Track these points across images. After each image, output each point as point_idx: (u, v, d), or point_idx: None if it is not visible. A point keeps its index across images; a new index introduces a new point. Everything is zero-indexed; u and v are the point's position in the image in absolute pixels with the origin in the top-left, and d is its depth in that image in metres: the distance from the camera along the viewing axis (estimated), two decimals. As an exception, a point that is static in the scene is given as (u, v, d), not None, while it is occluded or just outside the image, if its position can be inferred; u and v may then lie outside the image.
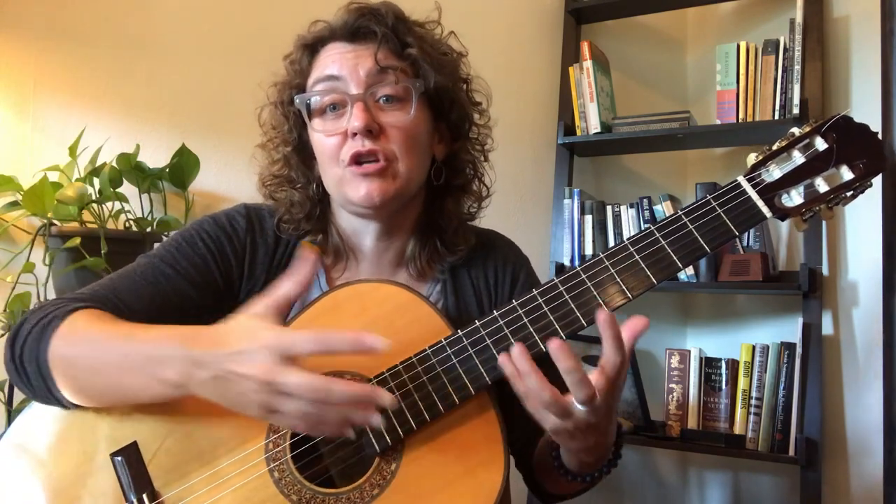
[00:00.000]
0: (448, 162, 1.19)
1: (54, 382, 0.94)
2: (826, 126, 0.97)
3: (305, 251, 0.90)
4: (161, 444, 0.96)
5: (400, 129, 1.08)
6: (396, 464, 0.94)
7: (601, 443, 0.95)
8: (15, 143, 1.85)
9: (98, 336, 0.94)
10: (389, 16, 1.11)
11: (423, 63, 1.11)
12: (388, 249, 1.17)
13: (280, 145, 1.18)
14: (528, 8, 2.60)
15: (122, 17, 1.97)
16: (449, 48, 1.19)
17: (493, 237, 1.26)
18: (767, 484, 2.41)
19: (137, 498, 0.93)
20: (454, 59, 1.19)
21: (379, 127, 1.07)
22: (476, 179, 1.23)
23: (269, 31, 2.03)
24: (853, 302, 2.20)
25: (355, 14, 1.11)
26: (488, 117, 1.24)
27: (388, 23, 1.11)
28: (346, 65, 1.08)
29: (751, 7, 2.58)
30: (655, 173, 2.70)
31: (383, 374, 0.96)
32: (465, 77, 1.20)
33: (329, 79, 1.09)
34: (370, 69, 1.08)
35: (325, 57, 1.12)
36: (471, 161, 1.22)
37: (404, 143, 1.08)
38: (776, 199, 0.97)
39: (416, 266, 1.17)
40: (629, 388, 2.34)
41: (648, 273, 0.95)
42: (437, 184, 1.17)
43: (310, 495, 0.93)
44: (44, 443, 0.97)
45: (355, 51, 1.10)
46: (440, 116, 1.16)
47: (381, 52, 1.09)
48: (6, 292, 1.72)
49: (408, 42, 1.11)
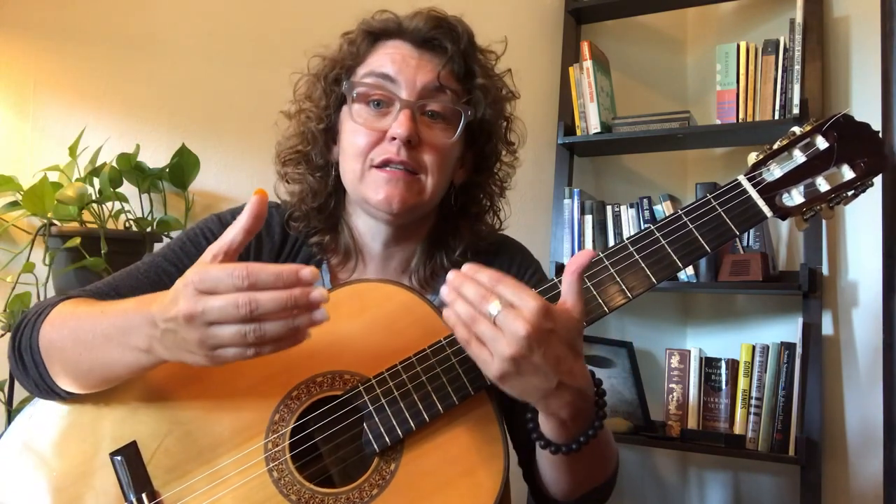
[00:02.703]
0: (466, 189, 1.19)
1: (46, 369, 0.95)
2: (827, 125, 0.97)
3: (255, 195, 0.85)
4: (160, 443, 0.96)
5: (438, 148, 1.08)
6: (396, 464, 0.94)
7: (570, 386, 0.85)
8: (15, 143, 1.86)
9: (78, 317, 0.94)
10: (464, 37, 1.11)
11: (480, 94, 1.11)
12: (395, 256, 1.17)
13: (311, 120, 1.15)
14: (528, 8, 2.60)
15: (122, 17, 1.98)
16: (503, 84, 1.19)
17: (502, 243, 1.25)
18: (767, 484, 2.40)
19: (137, 497, 0.93)
20: (505, 96, 1.19)
21: (419, 139, 1.06)
22: (491, 212, 1.23)
23: (270, 32, 2.04)
24: (853, 302, 2.20)
25: (432, 23, 1.10)
26: (516, 158, 1.24)
27: (462, 44, 1.10)
28: (406, 70, 1.07)
29: (751, 7, 2.58)
30: (655, 173, 2.70)
31: (382, 374, 0.96)
32: (507, 115, 1.21)
33: (383, 77, 1.08)
34: (428, 83, 1.07)
35: (386, 52, 1.11)
36: (489, 194, 1.22)
37: (437, 162, 1.08)
38: (777, 199, 0.96)
39: (420, 276, 1.17)
40: (629, 388, 2.34)
41: (648, 273, 0.95)
42: (454, 206, 1.17)
43: (309, 495, 0.93)
44: (44, 442, 0.97)
45: (420, 58, 1.09)
46: (472, 145, 1.17)
47: (444, 70, 1.08)
48: (6, 292, 1.72)
49: (473, 70, 1.12)
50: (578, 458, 0.93)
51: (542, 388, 0.84)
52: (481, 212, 1.21)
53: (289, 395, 0.97)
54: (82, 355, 0.92)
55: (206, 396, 0.97)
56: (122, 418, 0.97)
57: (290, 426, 0.95)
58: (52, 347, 0.95)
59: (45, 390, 0.97)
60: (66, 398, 0.98)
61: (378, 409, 0.94)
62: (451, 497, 0.92)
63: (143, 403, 0.98)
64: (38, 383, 0.97)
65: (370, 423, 0.94)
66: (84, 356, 0.92)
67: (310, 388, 0.97)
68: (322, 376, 0.97)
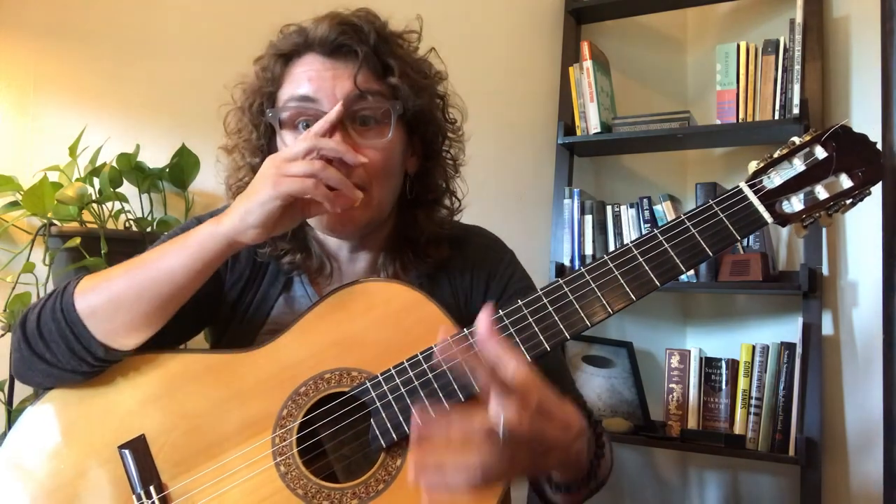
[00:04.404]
0: (420, 177, 1.17)
1: (86, 329, 0.96)
2: (826, 135, 0.99)
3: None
4: (168, 437, 0.96)
5: (377, 152, 1.05)
6: (402, 459, 0.95)
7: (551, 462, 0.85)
8: (15, 143, 1.85)
9: (119, 269, 1.01)
10: (371, 34, 1.07)
11: (403, 86, 1.08)
12: (361, 259, 1.17)
13: (245, 153, 1.13)
14: (528, 8, 2.60)
15: (122, 17, 1.97)
16: (429, 67, 1.16)
17: (470, 236, 1.24)
18: (767, 484, 2.41)
19: (144, 490, 0.94)
20: (433, 80, 1.16)
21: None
22: (448, 193, 1.21)
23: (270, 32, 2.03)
24: (853, 302, 2.21)
25: (336, 30, 1.05)
26: (461, 133, 1.22)
27: (370, 42, 1.06)
28: (323, 85, 1.04)
29: (751, 7, 2.58)
30: (655, 173, 2.70)
31: (389, 372, 0.96)
32: (441, 95, 1.18)
33: (303, 99, 1.05)
34: (348, 92, 1.04)
35: (300, 71, 1.08)
36: (443, 177, 1.20)
37: (380, 168, 1.06)
38: (777, 206, 0.99)
39: (389, 273, 1.16)
40: (629, 388, 2.34)
41: (652, 276, 0.96)
42: (409, 197, 1.16)
43: (315, 489, 0.93)
44: (52, 435, 0.98)
45: (333, 69, 1.05)
46: (414, 132, 1.14)
47: (360, 74, 1.04)
48: (6, 292, 1.72)
49: (389, 64, 1.08)
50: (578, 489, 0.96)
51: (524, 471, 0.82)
52: (438, 197, 1.19)
53: (297, 391, 0.97)
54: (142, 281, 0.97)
55: (213, 391, 0.98)
56: (130, 412, 0.98)
57: (297, 421, 0.96)
58: (98, 302, 0.97)
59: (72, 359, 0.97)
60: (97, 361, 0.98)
61: (385, 405, 0.95)
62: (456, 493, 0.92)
63: (152, 398, 0.98)
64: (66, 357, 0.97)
65: (377, 419, 0.94)
66: (143, 280, 0.97)
67: (317, 384, 0.98)
68: (330, 373, 0.98)
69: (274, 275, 1.17)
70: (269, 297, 1.16)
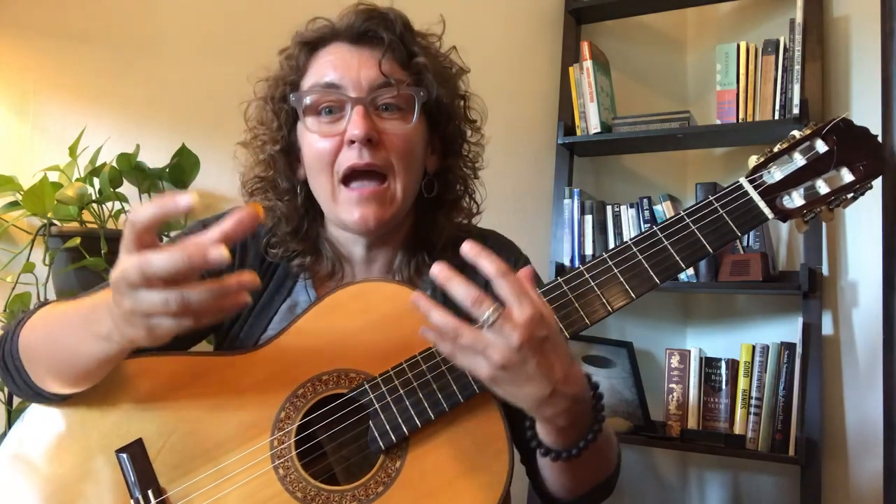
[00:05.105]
0: (439, 176, 1.17)
1: (28, 374, 0.95)
2: (826, 129, 0.97)
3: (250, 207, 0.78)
4: (166, 441, 0.95)
5: (400, 138, 1.06)
6: (401, 461, 0.94)
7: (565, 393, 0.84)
8: (15, 143, 1.85)
9: (52, 317, 0.95)
10: (398, 23, 1.08)
11: (426, 74, 1.09)
12: (377, 259, 1.16)
13: (267, 144, 1.13)
14: (528, 8, 2.60)
15: (122, 17, 1.97)
16: (451, 63, 1.17)
17: (486, 240, 1.22)
18: (767, 484, 2.41)
19: (142, 494, 0.93)
20: (455, 73, 1.17)
21: (378, 136, 1.04)
22: (467, 196, 1.21)
23: (271, 31, 2.02)
24: (853, 302, 2.20)
25: (363, 17, 1.07)
26: (481, 135, 1.22)
27: (397, 30, 1.07)
28: (349, 71, 1.05)
29: (751, 7, 2.58)
30: (655, 173, 2.70)
31: (388, 373, 0.96)
32: (463, 94, 1.18)
33: (328, 86, 1.05)
34: (373, 79, 1.05)
35: (325, 58, 1.08)
36: (462, 177, 1.20)
37: (402, 154, 1.06)
38: (777, 201, 0.97)
39: (404, 276, 1.16)
40: (629, 388, 2.34)
41: (651, 273, 0.95)
42: (427, 196, 1.15)
43: (314, 492, 0.93)
44: (49, 439, 0.97)
45: (359, 55, 1.06)
46: (435, 129, 1.14)
47: (385, 60, 1.06)
48: (6, 292, 1.72)
49: (414, 51, 1.09)
50: (579, 461, 0.93)
51: (537, 396, 0.83)
52: (457, 198, 1.19)
53: (294, 393, 0.97)
54: (53, 351, 0.92)
55: (211, 394, 0.97)
56: (127, 416, 0.97)
57: (295, 423, 0.95)
58: (31, 350, 0.95)
59: (32, 396, 0.97)
60: (55, 401, 0.97)
61: (384, 407, 0.94)
62: (456, 494, 0.92)
63: (149, 401, 0.98)
64: (24, 389, 0.97)
65: (376, 421, 0.94)
66: (55, 352, 0.92)
67: (315, 386, 0.97)
68: (328, 374, 0.97)
69: (281, 279, 1.16)
70: (272, 305, 1.14)
